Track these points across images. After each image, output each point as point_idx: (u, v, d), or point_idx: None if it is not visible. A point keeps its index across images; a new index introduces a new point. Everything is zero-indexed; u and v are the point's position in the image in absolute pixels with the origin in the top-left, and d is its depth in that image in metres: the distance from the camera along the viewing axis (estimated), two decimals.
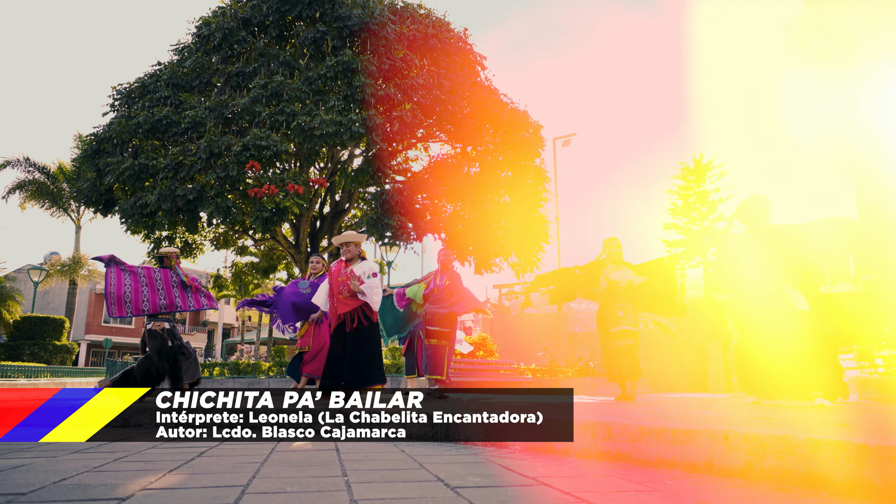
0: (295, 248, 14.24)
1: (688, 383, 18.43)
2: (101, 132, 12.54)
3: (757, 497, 1.80)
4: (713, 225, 36.13)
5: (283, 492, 1.87)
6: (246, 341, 24.53)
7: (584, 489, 1.92)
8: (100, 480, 2.07)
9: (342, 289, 5.29)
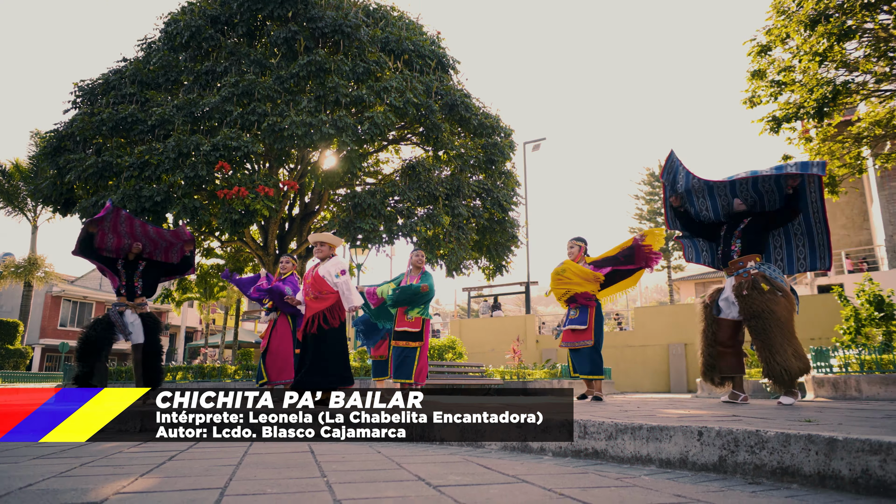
0: (263, 251, 14.05)
1: (650, 384, 18.76)
2: (62, 129, 12.18)
3: (732, 490, 1.84)
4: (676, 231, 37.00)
5: (263, 493, 1.84)
6: (210, 344, 24.09)
7: (565, 485, 1.93)
8: (69, 485, 2.01)
9: (309, 291, 5.25)
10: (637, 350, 18.77)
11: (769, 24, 11.24)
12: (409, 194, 12.03)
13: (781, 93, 11.15)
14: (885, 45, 9.47)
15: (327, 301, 5.17)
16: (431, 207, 12.39)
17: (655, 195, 38.24)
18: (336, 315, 5.20)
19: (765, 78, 11.42)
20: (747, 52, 11.61)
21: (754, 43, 11.45)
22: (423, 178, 12.46)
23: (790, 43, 10.85)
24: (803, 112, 9.51)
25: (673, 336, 18.55)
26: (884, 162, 11.06)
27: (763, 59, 11.39)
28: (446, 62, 14.80)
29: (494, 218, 13.93)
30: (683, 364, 18.02)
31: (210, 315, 23.98)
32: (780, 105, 10.53)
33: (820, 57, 8.85)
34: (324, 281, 5.20)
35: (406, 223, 11.59)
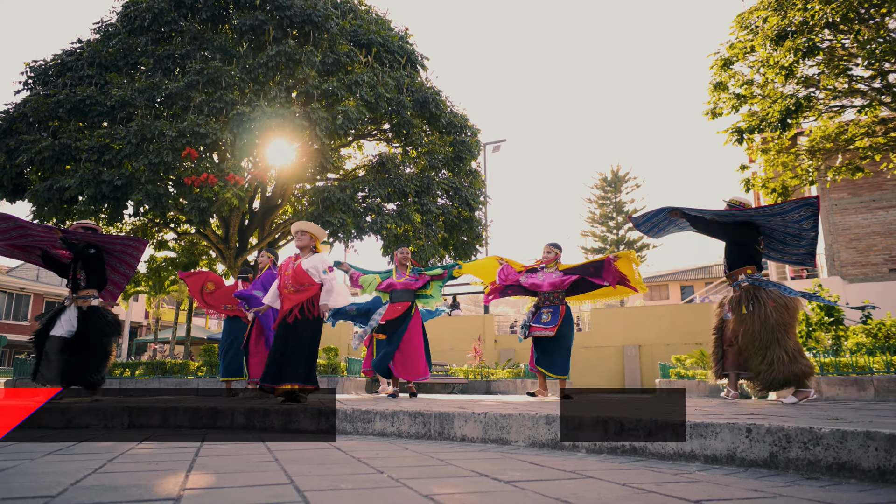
0: (224, 244, 13.66)
1: (606, 382, 19.19)
2: (12, 110, 11.52)
3: (797, 485, 1.90)
4: (627, 234, 37.97)
5: (338, 489, 1.79)
6: (160, 340, 23.19)
7: (636, 480, 1.96)
8: (122, 482, 1.90)
9: (287, 283, 5.10)
10: (592, 351, 19.16)
11: (732, 38, 11.67)
12: (380, 190, 11.93)
13: (742, 105, 11.59)
14: (842, 62, 9.97)
15: (307, 292, 5.05)
16: (401, 204, 12.32)
17: (607, 199, 39.14)
18: (316, 306, 5.06)
19: (726, 90, 11.83)
20: (710, 66, 12.00)
21: (717, 56, 11.85)
22: (393, 174, 12.38)
23: (752, 57, 11.29)
24: (766, 123, 9.90)
25: (628, 338, 19.02)
26: (835, 174, 11.64)
27: (725, 72, 11.80)
28: (415, 59, 14.75)
29: (462, 216, 13.97)
30: (637, 365, 18.50)
31: (158, 310, 23.16)
32: (743, 116, 10.95)
33: (786, 71, 9.24)
34: (306, 275, 5.07)
35: (376, 219, 11.48)
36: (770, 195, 12.63)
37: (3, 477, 1.99)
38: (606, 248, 37.64)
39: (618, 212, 38.37)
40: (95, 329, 5.57)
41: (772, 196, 12.61)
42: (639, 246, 37.05)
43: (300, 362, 4.90)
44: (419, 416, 3.46)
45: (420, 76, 14.75)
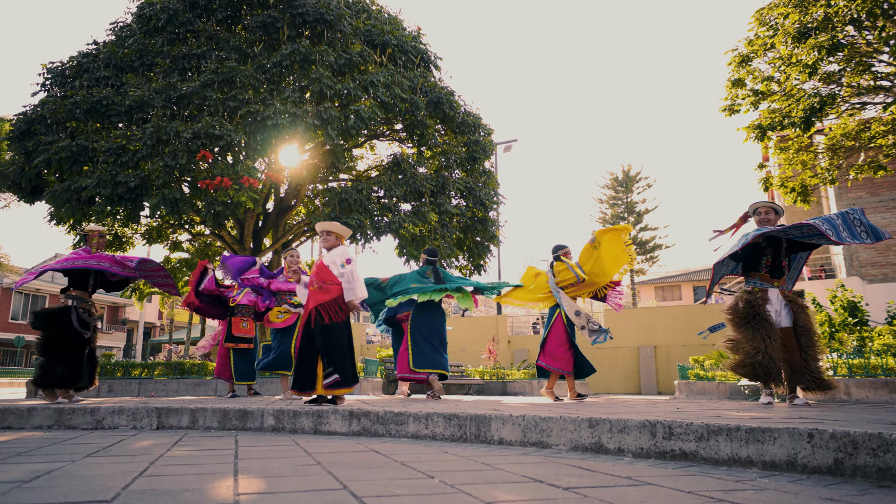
0: (239, 244, 13.67)
1: (621, 385, 19.06)
2: (30, 112, 11.56)
3: (871, 493, 1.83)
4: (639, 235, 37.77)
5: (394, 495, 1.74)
6: (175, 340, 23.23)
7: (698, 488, 1.89)
8: (172, 485, 1.86)
9: (313, 281, 5.04)
10: (606, 352, 19.03)
11: (751, 34, 11.54)
12: (396, 190, 11.88)
13: (761, 102, 11.46)
14: (867, 58, 9.82)
15: (331, 293, 4.94)
16: (417, 204, 12.27)
17: (618, 200, 38.92)
18: (342, 308, 4.97)
19: (744, 87, 11.71)
20: (728, 62, 11.88)
21: (735, 53, 11.72)
22: (409, 174, 12.33)
23: (771, 53, 11.15)
24: (788, 121, 9.77)
25: (643, 338, 18.89)
26: (857, 173, 11.48)
27: (743, 68, 11.67)
28: (429, 58, 14.70)
29: (476, 216, 13.90)
30: (653, 366, 18.37)
31: (172, 311, 23.24)
32: (763, 113, 10.82)
33: (809, 69, 9.11)
34: (328, 270, 4.99)
35: (393, 219, 11.43)
36: (788, 194, 12.49)
37: (51, 479, 1.95)
38: None
39: (629, 212, 38.16)
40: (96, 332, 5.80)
41: (790, 196, 12.47)
42: (651, 247, 36.85)
43: (339, 366, 4.80)
44: (454, 418, 3.40)
45: (433, 76, 14.69)
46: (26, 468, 2.23)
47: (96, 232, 5.89)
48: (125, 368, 10.13)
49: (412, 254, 11.89)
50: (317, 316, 4.87)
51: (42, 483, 1.89)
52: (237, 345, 6.99)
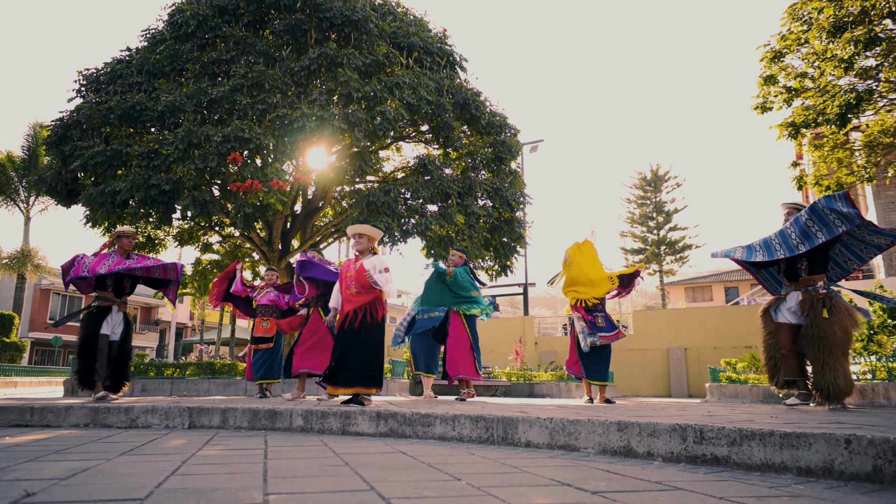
0: (268, 246, 13.85)
1: (650, 388, 18.81)
2: (66, 117, 11.88)
3: None
4: (669, 234, 37.27)
5: (422, 497, 1.74)
6: (206, 341, 23.64)
7: (732, 494, 1.85)
8: (204, 484, 1.89)
9: (350, 285, 5.11)
10: (636, 354, 18.81)
11: (783, 30, 11.30)
12: (423, 192, 11.91)
13: (794, 99, 11.21)
14: None
15: (369, 295, 5.06)
16: (443, 205, 12.28)
17: (647, 199, 38.45)
18: (379, 310, 5.09)
19: (777, 84, 11.47)
20: (759, 58, 11.65)
21: (767, 49, 11.49)
22: (436, 175, 12.35)
23: (805, 49, 10.90)
24: (823, 118, 9.54)
25: (673, 340, 18.62)
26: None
27: (775, 65, 11.44)
28: (454, 60, 14.71)
29: (503, 217, 13.85)
30: (683, 368, 18.09)
31: (203, 311, 23.64)
32: (797, 110, 10.58)
33: (846, 64, 8.89)
34: (367, 273, 5.08)
35: (420, 221, 11.46)
36: (823, 193, 12.20)
37: (87, 477, 2.00)
38: (647, 248, 36.98)
39: (658, 212, 37.68)
40: (130, 333, 5.96)
41: (825, 194, 12.17)
42: (681, 246, 36.33)
43: (364, 366, 4.89)
44: (481, 420, 3.40)
45: (459, 77, 14.69)
46: (64, 465, 2.29)
47: (125, 233, 6.05)
48: (158, 368, 10.34)
49: (440, 255, 11.90)
50: (353, 318, 4.98)
51: (79, 480, 1.93)
52: (257, 345, 7.10)
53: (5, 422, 4.37)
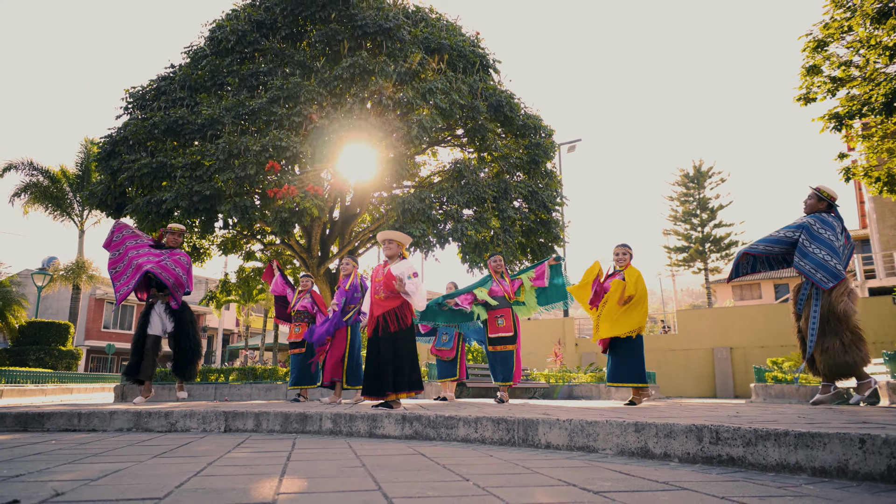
0: (307, 252, 14.14)
1: (695, 388, 18.41)
2: (115, 134, 12.40)
3: None
4: (713, 231, 36.36)
5: (425, 496, 1.80)
6: (250, 347, 24.26)
7: (735, 494, 1.85)
8: (219, 485, 1.99)
9: (379, 289, 5.19)
10: (680, 354, 18.44)
11: (826, 18, 10.95)
12: (458, 197, 11.97)
13: (839, 89, 10.85)
14: None
15: (399, 299, 5.12)
16: (479, 210, 12.32)
17: (690, 196, 37.62)
18: (408, 315, 5.13)
19: (820, 74, 11.12)
20: (802, 48, 11.32)
21: (810, 38, 11.16)
22: (471, 180, 12.40)
23: (849, 37, 10.54)
24: (868, 108, 9.21)
25: (718, 339, 18.18)
26: None
27: (818, 54, 11.10)
28: (487, 63, 14.75)
29: (539, 219, 13.81)
30: (729, 368, 17.64)
31: (248, 317, 24.26)
32: (841, 101, 10.24)
33: (890, 51, 8.56)
34: (396, 279, 5.15)
35: (455, 227, 11.53)
36: (873, 185, 11.77)
37: (116, 478, 2.12)
38: (691, 246, 36.19)
39: (702, 209, 36.82)
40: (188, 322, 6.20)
41: (875, 186, 11.74)
42: (726, 244, 35.43)
43: (400, 371, 4.92)
44: (502, 422, 3.43)
45: (493, 80, 14.72)
46: (97, 468, 2.44)
47: (170, 229, 6.39)
48: (203, 374, 10.69)
49: (475, 260, 11.94)
50: (384, 324, 5.04)
51: (107, 481, 2.06)
52: (291, 350, 7.27)
53: (55, 427, 4.62)
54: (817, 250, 4.56)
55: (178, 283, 6.16)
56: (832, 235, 4.62)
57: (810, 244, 4.59)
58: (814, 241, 4.58)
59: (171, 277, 6.04)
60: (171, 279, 6.05)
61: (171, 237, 6.37)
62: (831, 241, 4.58)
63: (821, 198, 4.80)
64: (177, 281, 6.09)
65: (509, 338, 6.29)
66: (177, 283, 6.11)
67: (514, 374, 6.26)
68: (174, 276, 6.06)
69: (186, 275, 6.37)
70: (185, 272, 6.29)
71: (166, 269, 6.01)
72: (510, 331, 6.29)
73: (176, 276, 6.07)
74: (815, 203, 4.79)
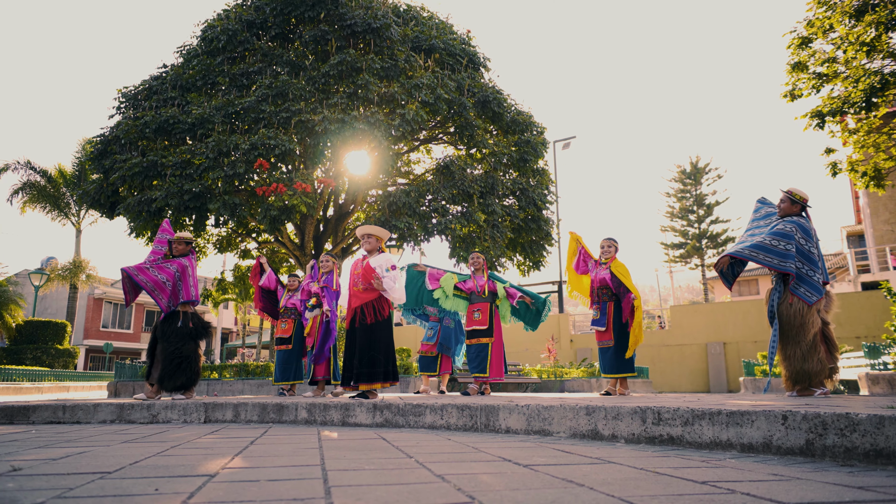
0: (300, 251, 14.25)
1: (689, 383, 18.52)
2: (108, 134, 12.52)
3: (827, 471, 1.84)
4: (710, 227, 36.43)
5: (362, 469, 1.91)
6: (247, 345, 24.40)
7: (655, 466, 1.96)
8: (173, 462, 2.10)
9: (357, 282, 5.28)
10: (674, 349, 18.54)
11: (810, 15, 11.05)
12: (444, 192, 12.08)
13: (823, 85, 10.95)
14: None
15: (376, 291, 5.21)
16: (466, 205, 12.44)
17: (687, 192, 37.69)
18: (385, 306, 5.22)
19: (806, 70, 11.22)
20: (787, 45, 11.42)
21: (794, 35, 11.25)
22: (458, 176, 12.51)
23: (832, 34, 10.64)
24: (848, 105, 9.30)
25: (711, 335, 18.29)
26: None
27: (803, 51, 11.19)
28: (477, 60, 14.85)
29: (529, 216, 13.92)
30: (723, 363, 17.74)
31: (246, 316, 24.38)
32: (823, 99, 10.34)
33: (868, 47, 8.66)
34: (375, 272, 5.24)
35: (441, 221, 11.65)
36: (861, 179, 11.85)
37: (77, 458, 2.24)
38: (688, 242, 36.28)
39: (698, 205, 36.89)
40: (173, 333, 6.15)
41: (862, 180, 11.83)
42: (723, 240, 35.50)
43: (376, 362, 5.02)
44: (466, 408, 3.54)
45: (483, 77, 14.83)
46: (64, 451, 2.55)
47: (176, 238, 6.43)
48: None
49: (463, 256, 12.06)
50: (361, 316, 5.13)
51: (68, 461, 2.17)
52: (277, 346, 7.34)
53: (40, 419, 4.74)
54: (812, 273, 4.63)
55: (158, 287, 6.14)
56: (813, 248, 4.69)
57: (803, 266, 4.64)
58: (806, 261, 4.63)
59: (148, 281, 6.04)
60: (150, 282, 6.06)
61: (177, 245, 6.41)
62: (811, 253, 4.66)
63: (794, 201, 4.86)
64: (156, 285, 6.08)
65: (483, 331, 6.36)
66: (156, 286, 6.10)
67: (491, 368, 6.31)
68: (152, 280, 6.05)
69: (180, 282, 6.26)
70: (170, 278, 6.21)
71: (143, 272, 6.00)
72: (485, 324, 6.37)
73: (155, 279, 6.06)
74: (788, 206, 4.84)
